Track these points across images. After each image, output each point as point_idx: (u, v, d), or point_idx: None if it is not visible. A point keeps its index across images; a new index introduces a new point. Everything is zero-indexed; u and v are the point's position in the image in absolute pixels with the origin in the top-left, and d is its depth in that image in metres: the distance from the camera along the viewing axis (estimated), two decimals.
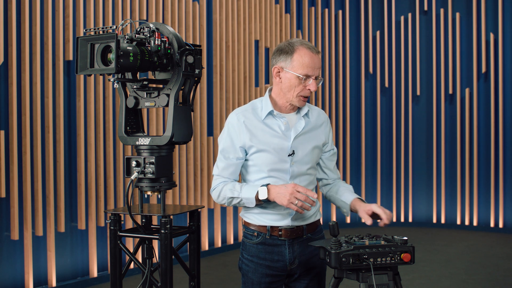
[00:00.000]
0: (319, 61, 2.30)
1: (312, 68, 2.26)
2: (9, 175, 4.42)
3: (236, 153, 2.33)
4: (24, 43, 4.51)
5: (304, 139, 2.35)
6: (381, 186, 7.78)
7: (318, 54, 2.30)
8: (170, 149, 2.50)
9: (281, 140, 2.31)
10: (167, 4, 5.68)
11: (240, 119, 2.33)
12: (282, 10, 7.19)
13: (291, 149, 2.32)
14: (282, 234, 2.33)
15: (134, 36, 2.36)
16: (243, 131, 2.31)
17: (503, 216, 7.17)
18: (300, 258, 2.37)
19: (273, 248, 2.34)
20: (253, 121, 2.32)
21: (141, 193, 2.52)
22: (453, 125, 7.51)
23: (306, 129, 2.37)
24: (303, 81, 2.27)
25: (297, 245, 2.36)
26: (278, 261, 2.35)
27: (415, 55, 7.70)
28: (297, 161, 2.33)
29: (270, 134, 2.31)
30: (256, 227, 2.36)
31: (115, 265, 2.54)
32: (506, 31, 7.20)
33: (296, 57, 2.26)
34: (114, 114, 5.16)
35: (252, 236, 2.37)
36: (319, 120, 2.43)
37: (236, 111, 2.37)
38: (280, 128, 2.32)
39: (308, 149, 2.35)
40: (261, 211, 2.34)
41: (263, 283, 2.36)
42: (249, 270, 2.38)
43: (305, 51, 2.26)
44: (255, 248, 2.36)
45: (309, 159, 2.36)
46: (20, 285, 4.53)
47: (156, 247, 5.28)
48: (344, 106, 7.73)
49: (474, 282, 4.98)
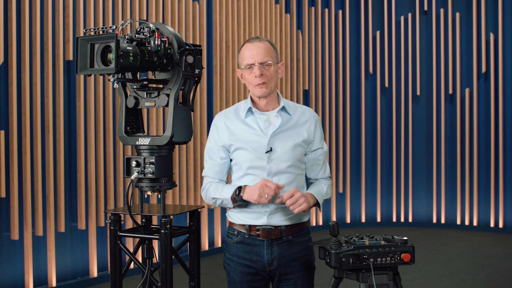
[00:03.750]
0: (259, 47, 2.34)
1: (251, 56, 2.34)
2: (9, 175, 4.42)
3: (219, 153, 2.40)
4: (24, 43, 4.51)
5: (283, 137, 2.36)
6: (381, 186, 7.78)
7: (258, 42, 2.36)
8: (170, 149, 2.50)
9: (259, 138, 2.34)
10: (167, 4, 5.68)
11: (221, 120, 2.42)
12: (282, 10, 7.19)
13: (268, 146, 2.33)
14: (260, 234, 2.33)
15: (134, 36, 2.36)
16: (224, 130, 2.39)
17: (503, 216, 7.17)
18: (280, 260, 2.34)
19: (252, 248, 2.36)
20: (234, 121, 2.40)
21: (141, 193, 2.52)
22: (453, 125, 7.51)
23: (287, 126, 2.38)
24: (251, 72, 2.35)
25: (276, 247, 2.34)
26: (257, 261, 2.36)
27: (415, 55, 7.70)
28: (276, 159, 2.33)
29: (248, 132, 2.36)
30: (237, 226, 2.40)
31: (115, 265, 2.54)
32: (506, 31, 7.20)
33: (240, 55, 2.40)
34: (114, 114, 5.16)
35: (233, 235, 2.41)
36: (303, 117, 2.42)
37: (220, 112, 2.48)
38: (259, 125, 2.37)
39: (287, 146, 2.35)
40: (240, 210, 2.38)
41: (244, 282, 2.37)
42: (230, 269, 2.41)
43: (245, 46, 2.39)
44: (235, 247, 2.39)
45: (289, 156, 2.34)
46: (20, 285, 4.53)
47: (156, 247, 5.28)
48: (344, 106, 7.73)
49: (474, 282, 4.98)
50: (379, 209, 7.75)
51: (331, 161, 7.56)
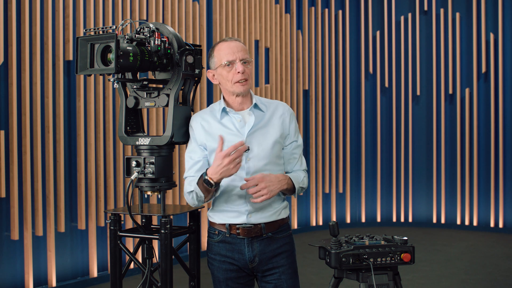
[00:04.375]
0: (239, 45, 2.35)
1: (230, 53, 2.33)
2: (9, 175, 4.42)
3: (199, 152, 2.40)
4: (24, 43, 4.51)
5: (260, 134, 2.36)
6: (381, 186, 7.78)
7: (235, 41, 2.36)
8: (170, 149, 2.50)
9: (235, 137, 2.34)
10: (167, 4, 5.68)
11: (198, 121, 2.42)
12: (282, 10, 7.19)
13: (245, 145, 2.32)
14: (240, 232, 2.35)
15: (134, 36, 2.36)
16: (201, 132, 2.39)
17: (503, 216, 7.17)
18: (261, 257, 2.37)
19: (233, 246, 2.38)
20: (210, 121, 2.39)
21: (141, 193, 2.52)
22: (453, 125, 7.51)
23: (262, 124, 2.38)
24: (231, 69, 2.33)
25: (257, 244, 2.37)
26: (239, 259, 2.38)
27: (415, 55, 7.70)
28: (253, 157, 2.34)
29: (225, 132, 2.35)
30: (217, 226, 2.42)
31: (115, 265, 2.54)
32: (506, 31, 7.20)
33: (216, 54, 2.38)
34: (114, 114, 5.16)
35: (214, 235, 2.44)
36: (277, 113, 2.42)
37: (196, 114, 2.47)
38: (234, 125, 2.37)
39: (265, 144, 2.35)
40: (220, 210, 2.40)
41: (229, 279, 2.40)
42: (214, 268, 2.44)
43: (219, 45, 2.37)
44: (217, 246, 2.42)
45: (267, 154, 2.35)
46: (20, 285, 4.53)
47: (156, 247, 5.28)
48: (344, 106, 7.73)
49: (474, 282, 4.98)
50: (379, 209, 7.75)
51: (331, 160, 7.56)
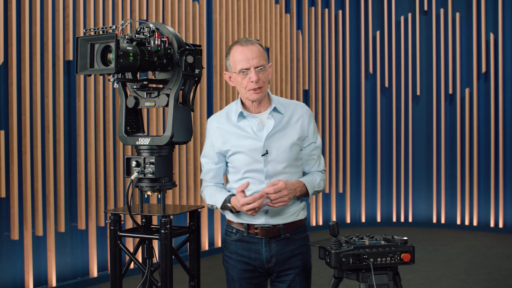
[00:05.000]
0: (253, 51, 2.31)
1: (245, 60, 2.30)
2: (9, 175, 4.42)
3: (213, 158, 2.44)
4: (24, 43, 4.51)
5: (278, 137, 2.35)
6: (381, 186, 7.78)
7: (251, 45, 2.32)
8: (170, 149, 2.50)
9: (253, 141, 2.34)
10: (167, 4, 5.68)
11: (214, 125, 2.44)
12: (282, 10, 7.19)
13: (264, 149, 2.33)
14: (258, 232, 2.35)
15: (134, 36, 2.36)
16: (217, 136, 2.41)
17: (503, 216, 7.17)
18: (278, 257, 2.37)
19: (251, 246, 2.38)
20: (226, 125, 2.40)
21: (141, 193, 2.52)
22: (453, 125, 7.51)
23: (280, 127, 2.37)
24: (245, 76, 2.31)
25: (274, 244, 2.36)
26: (256, 259, 2.38)
27: (415, 55, 7.70)
28: (272, 161, 2.33)
29: (242, 136, 2.35)
30: (235, 224, 2.42)
31: (115, 265, 2.54)
32: (506, 31, 7.20)
33: (231, 58, 2.35)
34: (114, 114, 5.16)
35: (231, 233, 2.43)
36: (295, 115, 2.41)
37: (212, 117, 2.49)
38: (252, 129, 2.36)
39: (283, 147, 2.35)
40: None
41: (243, 279, 2.39)
42: (229, 266, 2.44)
43: (235, 49, 2.34)
44: (234, 245, 2.41)
45: (286, 157, 2.34)
46: (20, 285, 4.53)
47: (156, 247, 5.28)
48: (344, 106, 7.73)
49: (474, 282, 4.98)
50: (379, 209, 7.75)
51: (331, 160, 7.56)
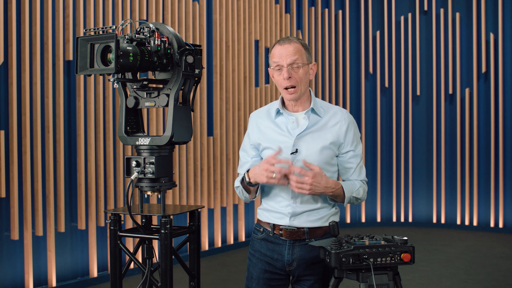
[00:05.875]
0: (289, 49, 2.30)
1: (279, 56, 2.31)
2: (9, 175, 4.41)
3: (250, 151, 2.45)
4: (24, 43, 4.51)
5: (310, 138, 2.33)
6: (381, 186, 7.78)
7: (287, 43, 2.32)
8: (170, 149, 2.50)
9: (285, 138, 2.34)
10: (167, 4, 5.68)
11: (254, 119, 2.47)
12: (282, 10, 7.19)
13: (294, 147, 2.32)
14: (283, 234, 2.35)
15: (134, 36, 2.36)
16: (255, 130, 2.43)
17: (503, 216, 7.17)
18: (299, 261, 2.34)
19: (274, 246, 2.37)
20: (265, 120, 2.42)
21: (141, 193, 2.51)
22: (453, 125, 7.51)
23: (314, 128, 2.34)
24: (280, 73, 2.32)
25: (297, 248, 2.35)
26: (278, 260, 2.37)
27: (415, 55, 7.70)
28: (300, 160, 2.30)
29: (276, 132, 2.37)
30: (263, 224, 2.43)
31: (115, 265, 2.54)
32: (506, 31, 7.20)
33: (271, 55, 2.38)
34: (114, 114, 5.16)
35: (258, 232, 2.44)
36: (334, 119, 2.37)
37: (254, 112, 2.52)
38: (286, 126, 2.36)
39: (314, 148, 2.31)
40: (266, 209, 2.41)
41: (261, 279, 2.39)
42: (251, 264, 2.45)
43: (275, 46, 2.36)
44: (259, 243, 2.42)
45: (314, 158, 2.30)
46: (20, 285, 4.53)
47: (156, 247, 5.28)
48: (344, 106, 7.73)
49: (474, 282, 4.98)
50: (379, 209, 7.75)
51: None
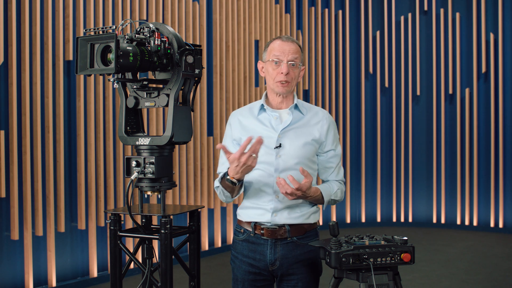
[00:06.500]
0: (292, 48, 2.36)
1: (281, 51, 2.35)
2: (9, 175, 4.42)
3: (233, 148, 2.42)
4: (24, 43, 4.51)
5: (293, 134, 2.37)
6: (381, 186, 7.78)
7: (290, 42, 2.38)
8: (170, 149, 2.50)
9: (269, 133, 2.36)
10: (167, 4, 5.68)
11: (236, 116, 2.48)
12: (282, 10, 7.19)
13: (277, 142, 2.34)
14: (264, 233, 2.34)
15: (134, 36, 2.36)
16: (238, 127, 2.44)
17: (503, 216, 7.17)
18: (282, 261, 2.34)
19: (256, 247, 2.37)
20: (248, 117, 2.44)
21: (141, 193, 2.51)
22: (453, 125, 7.51)
23: (297, 124, 2.39)
24: (277, 67, 2.35)
25: (280, 247, 2.34)
26: (260, 260, 2.36)
27: (415, 55, 7.70)
28: (284, 155, 2.34)
29: (260, 128, 2.39)
30: (244, 224, 2.41)
31: (115, 265, 2.54)
32: (506, 31, 7.20)
33: (268, 48, 2.41)
34: (114, 114, 5.16)
35: (239, 233, 2.43)
36: (315, 118, 2.43)
37: (235, 111, 2.53)
38: (270, 122, 2.39)
39: (297, 144, 2.35)
40: (246, 207, 2.40)
41: (246, 281, 2.38)
42: (235, 266, 2.44)
43: (275, 41, 2.40)
44: (240, 245, 2.41)
45: (297, 153, 2.35)
46: (20, 285, 4.53)
47: (156, 247, 5.28)
48: (344, 106, 7.73)
49: (474, 282, 4.98)
50: (379, 209, 7.75)
51: None
